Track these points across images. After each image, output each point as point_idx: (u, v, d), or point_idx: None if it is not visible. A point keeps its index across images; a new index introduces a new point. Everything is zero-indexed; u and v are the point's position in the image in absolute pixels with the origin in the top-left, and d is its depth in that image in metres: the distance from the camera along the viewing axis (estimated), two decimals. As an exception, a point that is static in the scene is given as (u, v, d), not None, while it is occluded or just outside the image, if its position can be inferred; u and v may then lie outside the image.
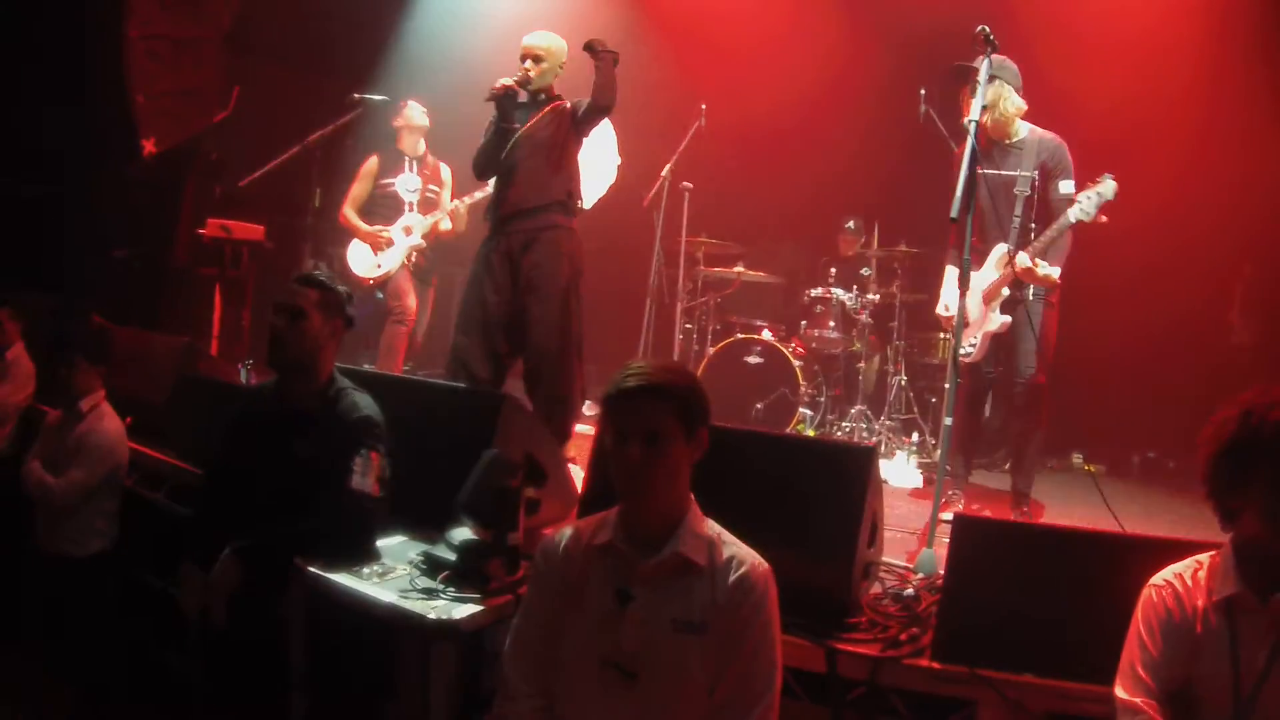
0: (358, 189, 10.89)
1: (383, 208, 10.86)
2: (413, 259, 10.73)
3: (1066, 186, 7.76)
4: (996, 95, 7.69)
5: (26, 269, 10.15)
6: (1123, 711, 3.60)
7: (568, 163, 8.28)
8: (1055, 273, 7.60)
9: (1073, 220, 7.47)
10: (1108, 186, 7.43)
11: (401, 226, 10.68)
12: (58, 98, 10.87)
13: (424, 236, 10.71)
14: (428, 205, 10.82)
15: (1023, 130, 7.98)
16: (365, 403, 5.36)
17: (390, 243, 10.64)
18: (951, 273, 8.23)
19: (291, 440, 5.25)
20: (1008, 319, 7.89)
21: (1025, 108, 7.91)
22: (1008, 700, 4.52)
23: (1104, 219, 7.52)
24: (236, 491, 5.34)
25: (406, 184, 10.76)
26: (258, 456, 5.33)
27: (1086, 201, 7.44)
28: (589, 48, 8.11)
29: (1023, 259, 7.59)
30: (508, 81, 8.12)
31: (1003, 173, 7.87)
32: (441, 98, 11.12)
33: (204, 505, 5.71)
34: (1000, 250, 7.86)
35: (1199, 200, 10.79)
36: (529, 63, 8.22)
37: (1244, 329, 11.95)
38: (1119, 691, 3.64)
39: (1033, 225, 7.84)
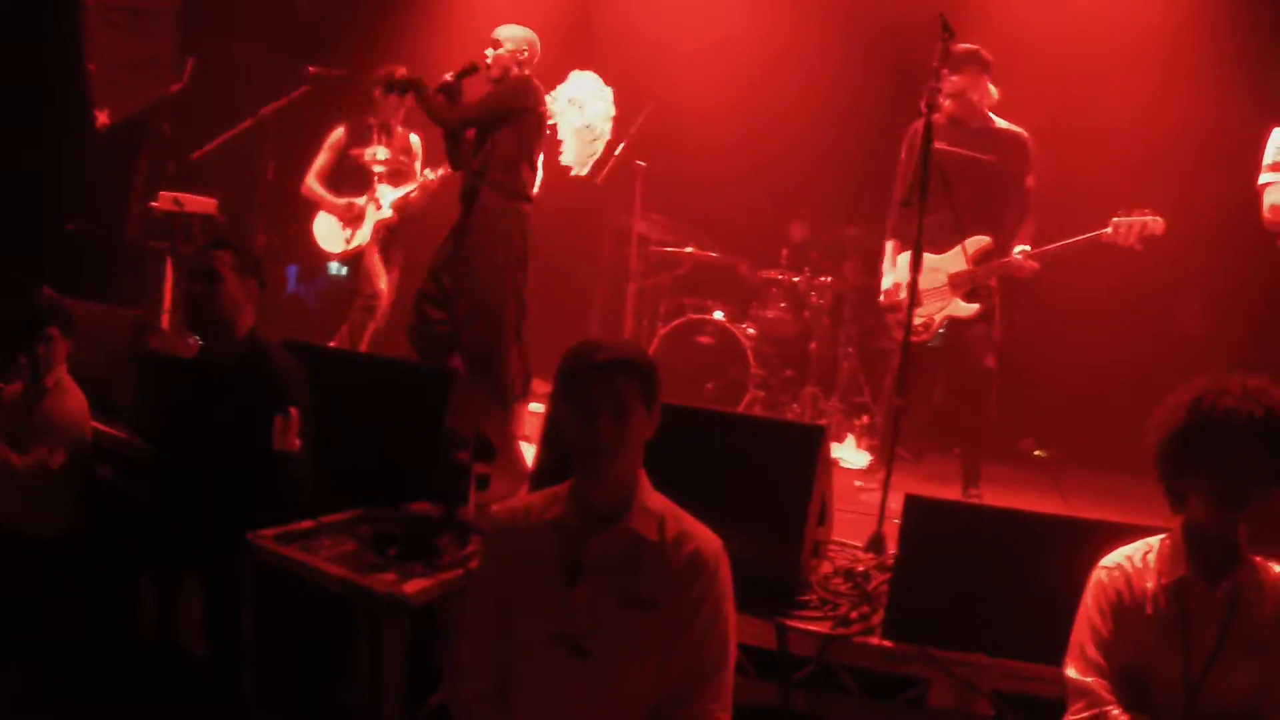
0: (322, 160, 10.59)
1: (350, 180, 10.62)
2: (381, 234, 10.54)
3: (1029, 181, 7.90)
4: (971, 81, 7.75)
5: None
6: (1073, 691, 3.64)
7: (508, 144, 8.31)
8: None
9: (1119, 243, 7.61)
10: (1156, 223, 7.63)
11: (370, 199, 10.50)
12: (11, 69, 10.78)
13: (394, 208, 10.53)
14: (397, 176, 10.60)
15: (990, 118, 8.06)
16: (283, 353, 5.40)
17: (360, 215, 10.49)
18: (892, 251, 8.32)
19: (215, 402, 5.31)
20: (976, 306, 7.97)
21: (997, 97, 7.99)
22: (958, 679, 4.55)
23: (1139, 248, 7.62)
24: (180, 470, 5.37)
25: (375, 155, 10.57)
26: (189, 423, 5.37)
27: (1125, 227, 7.55)
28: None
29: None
30: (447, 78, 8.34)
31: (973, 155, 7.90)
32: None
33: (154, 497, 5.76)
34: (980, 241, 7.94)
35: (1148, 190, 10.81)
36: (489, 50, 8.32)
37: (1191, 318, 12.02)
38: (1069, 671, 3.68)
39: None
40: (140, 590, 5.47)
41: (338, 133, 10.59)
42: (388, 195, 10.35)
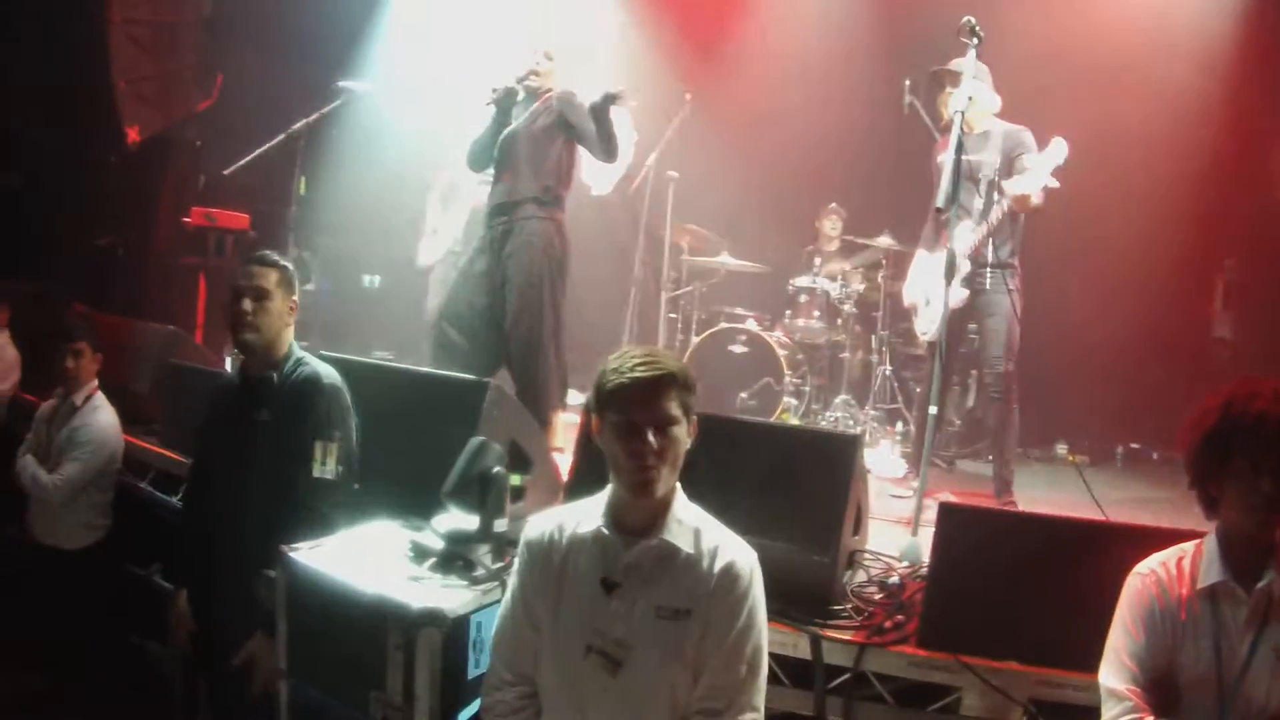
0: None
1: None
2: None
3: (1030, 160, 7.88)
4: (975, 90, 7.78)
5: (7, 256, 10.13)
6: (1108, 698, 3.62)
7: (553, 157, 8.34)
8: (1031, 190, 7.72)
9: (1016, 191, 7.64)
10: (1057, 146, 7.63)
11: (445, 219, 10.52)
12: (40, 82, 10.83)
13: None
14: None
15: (991, 122, 8.15)
16: (325, 370, 5.44)
17: (433, 232, 10.54)
18: (920, 259, 8.46)
19: (255, 413, 5.35)
20: (965, 293, 8.05)
21: (999, 105, 8.05)
22: (992, 687, 4.53)
23: (1055, 183, 7.60)
24: (216, 483, 5.39)
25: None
26: (228, 436, 5.39)
27: (1035, 176, 7.62)
28: (610, 101, 8.16)
29: (1014, 186, 7.78)
30: (510, 84, 8.26)
31: (973, 158, 7.95)
32: (424, 85, 11.11)
33: (185, 515, 5.80)
34: (965, 228, 8.00)
35: (1183, 194, 10.81)
36: (541, 60, 8.37)
37: (1225, 322, 11.99)
38: (1104, 679, 3.65)
39: (1000, 206, 8.00)
40: (174, 601, 5.46)
41: None
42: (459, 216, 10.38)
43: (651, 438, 3.47)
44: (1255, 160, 9.52)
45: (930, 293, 7.96)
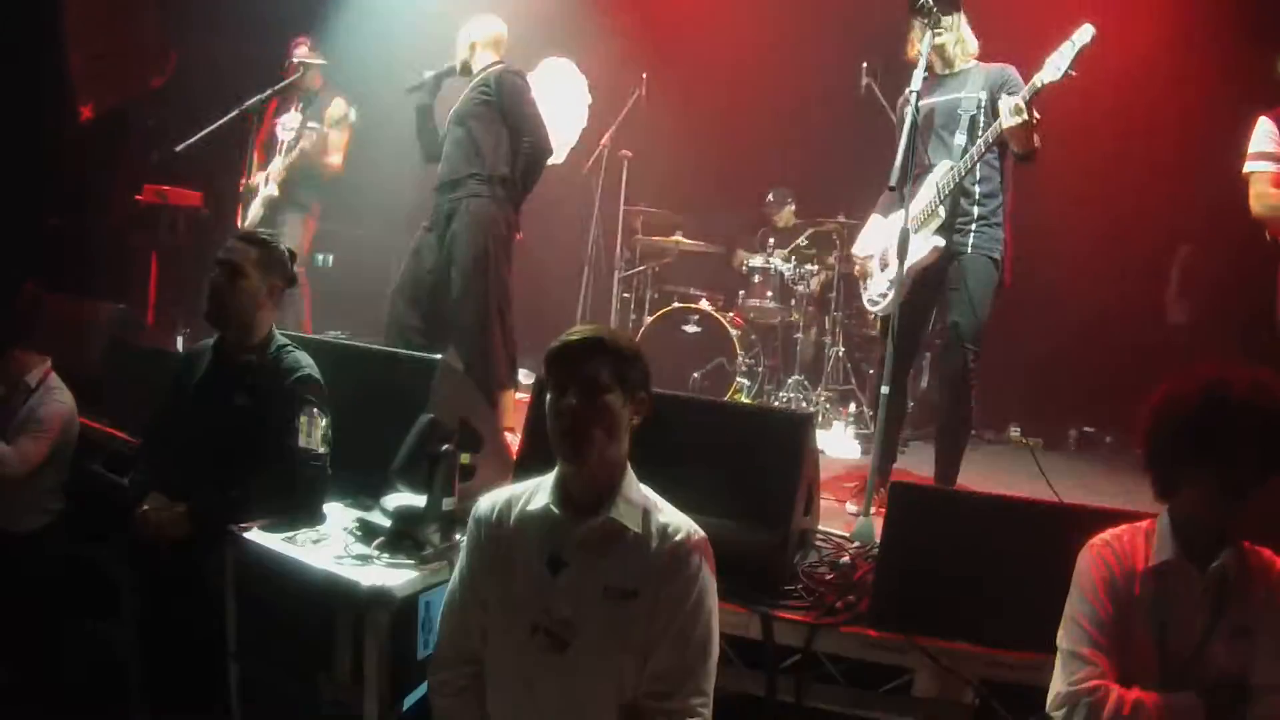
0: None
1: (269, 150, 10.43)
2: (260, 213, 10.25)
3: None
4: (955, 28, 7.41)
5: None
6: (1070, 660, 3.58)
7: (492, 137, 8.33)
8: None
9: (1043, 82, 7.01)
10: (1084, 33, 6.88)
11: (265, 174, 10.27)
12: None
13: (280, 183, 10.23)
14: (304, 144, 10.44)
15: (970, 62, 7.50)
16: (306, 361, 5.42)
17: (255, 191, 10.32)
18: (874, 221, 7.90)
19: (230, 397, 5.32)
20: (940, 242, 7.17)
21: (977, 49, 7.59)
22: (943, 667, 4.53)
23: (1073, 73, 7.02)
24: (174, 449, 5.34)
25: (287, 122, 10.33)
26: (196, 413, 5.36)
27: (1059, 57, 6.98)
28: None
29: (1007, 104, 6.83)
30: (427, 76, 8.51)
31: (949, 97, 7.39)
32: (379, 64, 11.04)
33: (141, 460, 5.71)
34: (944, 167, 7.22)
35: (1137, 180, 10.85)
36: (466, 52, 8.47)
37: (1180, 308, 12.05)
38: (1063, 643, 3.63)
39: (984, 144, 7.14)
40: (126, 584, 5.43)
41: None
42: (275, 169, 10.18)
43: (573, 398, 3.49)
44: (1208, 147, 9.51)
45: (887, 257, 7.29)
